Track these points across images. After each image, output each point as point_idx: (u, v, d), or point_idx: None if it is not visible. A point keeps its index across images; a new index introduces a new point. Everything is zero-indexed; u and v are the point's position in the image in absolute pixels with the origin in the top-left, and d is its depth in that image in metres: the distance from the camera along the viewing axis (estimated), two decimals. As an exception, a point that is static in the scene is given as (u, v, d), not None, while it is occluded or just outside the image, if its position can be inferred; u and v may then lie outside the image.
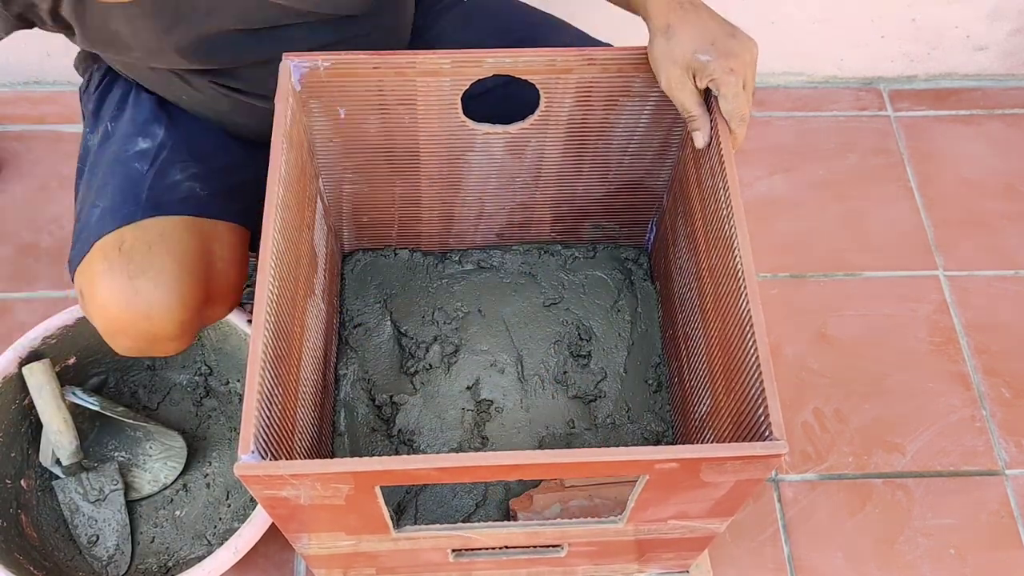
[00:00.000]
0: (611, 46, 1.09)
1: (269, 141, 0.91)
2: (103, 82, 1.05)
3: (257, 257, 1.23)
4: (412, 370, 1.16)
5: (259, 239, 1.06)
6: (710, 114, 0.90)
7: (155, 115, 1.02)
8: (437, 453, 1.11)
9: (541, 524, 0.89)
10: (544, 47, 0.96)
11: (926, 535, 1.20)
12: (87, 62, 1.09)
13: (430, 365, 1.16)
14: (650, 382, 1.16)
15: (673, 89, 0.89)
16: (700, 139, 0.91)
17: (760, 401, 0.77)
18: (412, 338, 1.18)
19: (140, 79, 1.02)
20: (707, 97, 0.91)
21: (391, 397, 1.13)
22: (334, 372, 1.15)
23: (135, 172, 0.98)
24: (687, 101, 0.89)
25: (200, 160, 1.01)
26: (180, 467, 1.15)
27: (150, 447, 1.16)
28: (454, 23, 1.11)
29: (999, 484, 1.25)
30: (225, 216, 1.01)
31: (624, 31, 1.09)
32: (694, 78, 0.88)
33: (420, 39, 1.11)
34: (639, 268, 1.24)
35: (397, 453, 1.11)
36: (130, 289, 0.91)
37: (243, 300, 1.29)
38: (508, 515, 1.08)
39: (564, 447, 1.13)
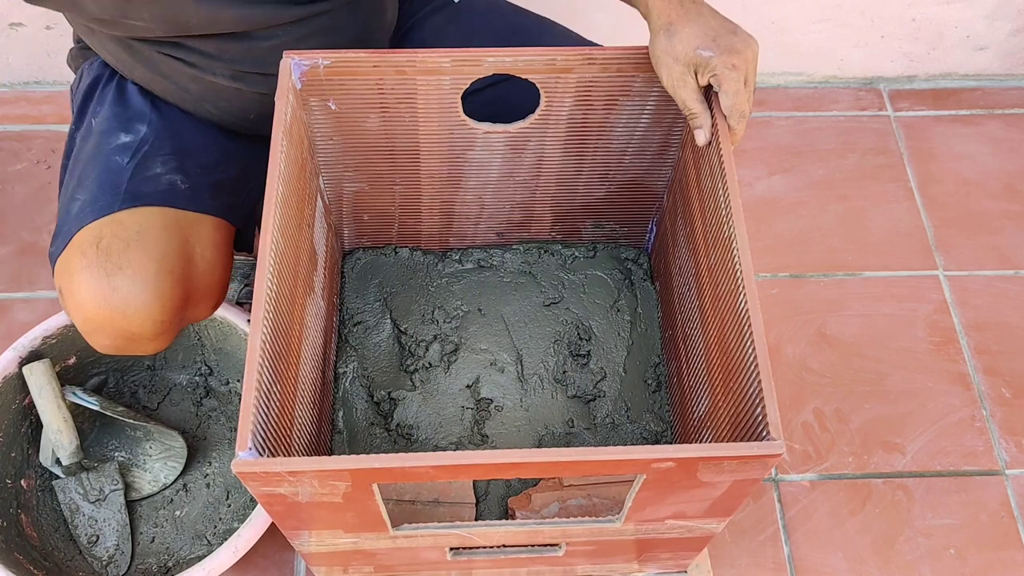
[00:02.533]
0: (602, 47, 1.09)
1: (255, 132, 0.91)
2: (92, 79, 1.05)
3: (245, 255, 1.22)
4: (412, 368, 1.16)
5: (248, 237, 1.06)
6: (711, 113, 0.90)
7: (139, 111, 1.01)
8: (435, 448, 1.11)
9: (539, 523, 0.89)
10: (536, 45, 0.97)
11: (926, 535, 1.20)
12: (79, 59, 1.09)
13: (430, 363, 1.16)
14: (649, 382, 1.16)
15: (675, 86, 0.89)
16: (701, 137, 0.91)
17: (758, 401, 0.77)
18: (412, 336, 1.18)
19: (119, 64, 1.01)
20: (708, 95, 0.91)
21: (389, 393, 1.13)
22: (333, 370, 1.15)
23: (115, 165, 0.97)
24: (689, 98, 0.89)
25: (183, 155, 1.00)
26: (180, 467, 1.15)
27: (150, 447, 1.16)
28: (442, 24, 1.11)
29: (999, 484, 1.25)
30: (207, 210, 0.99)
31: (623, 31, 1.10)
32: (696, 75, 0.88)
33: (408, 39, 1.11)
34: (639, 268, 1.24)
35: (395, 446, 1.11)
36: (107, 287, 0.90)
37: (242, 300, 1.29)
38: (507, 513, 1.08)
39: (563, 446, 1.12)
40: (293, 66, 0.91)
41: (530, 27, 1.12)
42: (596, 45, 1.09)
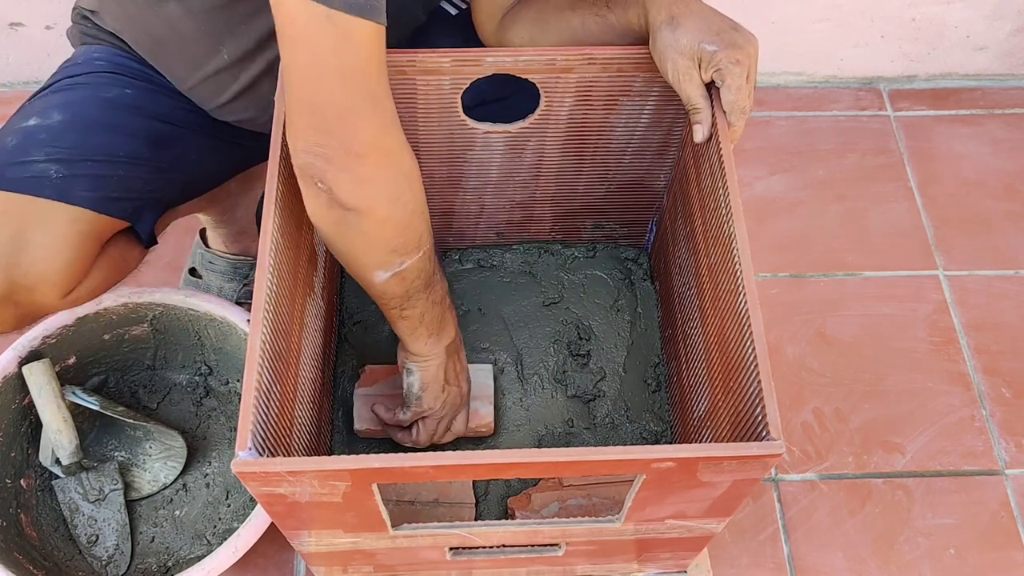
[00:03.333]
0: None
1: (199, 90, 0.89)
2: (73, 64, 1.05)
3: (246, 256, 1.20)
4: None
5: (151, 232, 1.01)
6: (712, 108, 0.90)
7: (68, 103, 0.99)
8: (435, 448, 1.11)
9: (539, 523, 0.89)
10: None
11: (926, 535, 1.20)
12: (75, 40, 1.08)
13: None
14: (649, 382, 1.16)
15: (680, 80, 0.89)
16: (700, 133, 0.91)
17: (758, 401, 0.77)
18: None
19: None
20: (709, 91, 0.91)
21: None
22: (333, 370, 1.15)
23: (3, 143, 0.96)
24: (693, 93, 0.89)
25: (78, 150, 0.97)
26: (180, 467, 1.15)
27: (150, 447, 1.16)
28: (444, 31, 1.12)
29: (999, 484, 1.25)
30: (71, 200, 0.95)
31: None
32: (699, 69, 0.88)
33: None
34: (639, 268, 1.24)
35: (395, 446, 1.11)
36: None
37: (242, 300, 1.30)
38: (507, 513, 1.08)
39: (563, 446, 1.12)
40: (293, 66, 0.91)
41: None
42: None
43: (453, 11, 1.14)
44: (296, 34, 0.76)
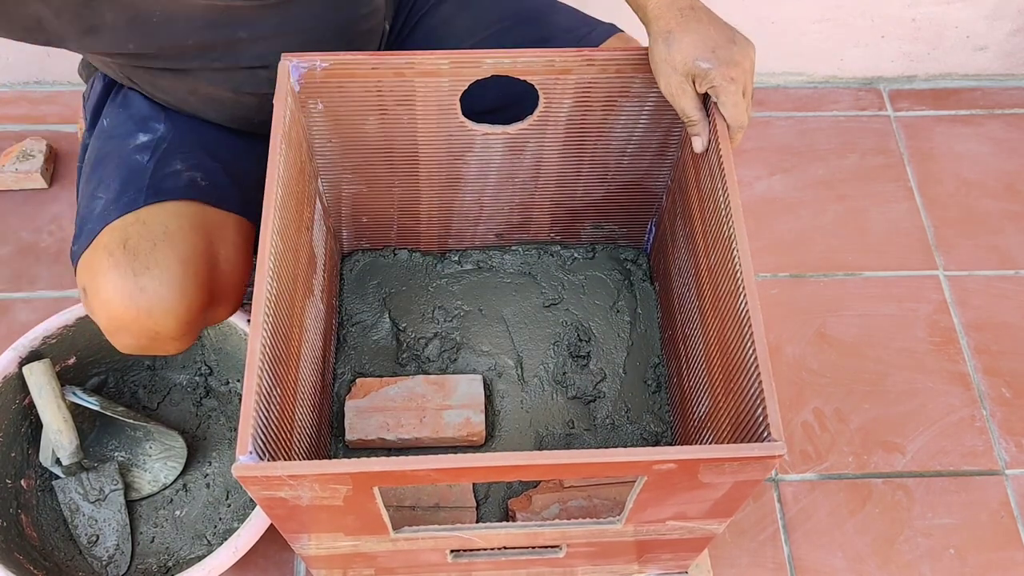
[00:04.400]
0: (613, 26, 1.09)
1: (262, 133, 0.91)
2: (104, 84, 1.05)
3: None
4: (411, 369, 1.16)
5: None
6: (709, 118, 0.90)
7: (153, 111, 1.02)
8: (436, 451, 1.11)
9: (540, 524, 0.89)
10: (546, 28, 0.95)
11: (926, 535, 1.20)
12: (90, 68, 1.09)
13: (428, 359, 1.16)
14: (649, 383, 1.16)
15: (674, 95, 0.89)
16: (699, 144, 0.91)
17: (759, 402, 0.77)
18: (411, 336, 1.18)
19: (122, 81, 1.02)
20: (706, 100, 0.91)
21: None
22: (332, 372, 1.15)
23: (136, 163, 0.97)
24: (687, 107, 0.90)
25: (201, 152, 1.01)
26: (180, 467, 1.15)
27: (150, 447, 1.16)
28: (451, 12, 1.11)
29: (999, 484, 1.25)
30: (229, 207, 1.00)
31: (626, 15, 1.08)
32: (694, 84, 0.88)
33: (418, 29, 1.11)
34: (638, 269, 1.24)
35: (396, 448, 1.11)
36: (134, 286, 0.90)
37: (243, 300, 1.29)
38: (507, 515, 1.08)
39: (563, 447, 1.13)
40: (291, 68, 0.91)
41: (541, 9, 1.12)
42: (607, 26, 1.09)
43: None
44: None
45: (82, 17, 0.87)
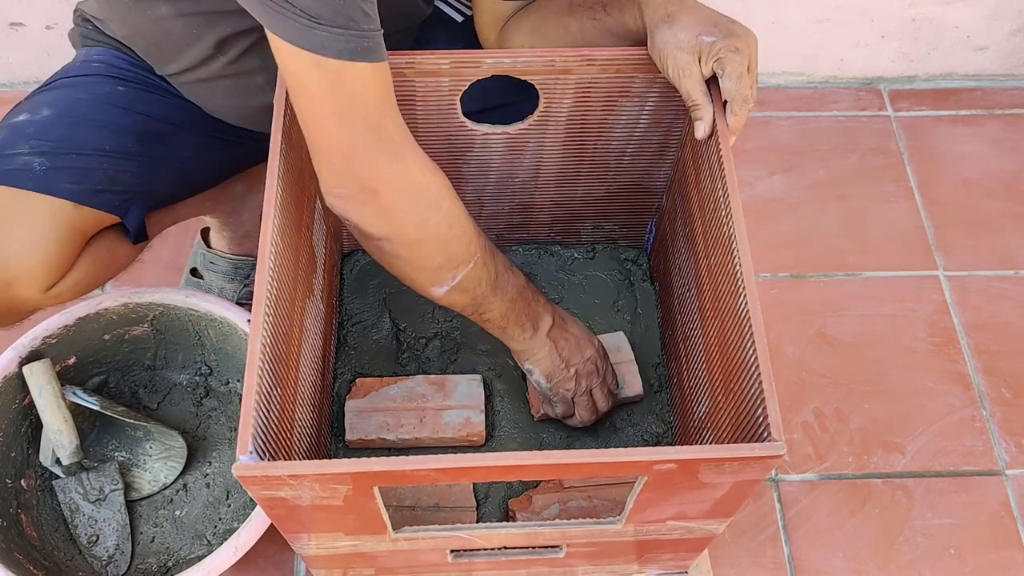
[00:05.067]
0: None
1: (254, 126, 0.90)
2: (71, 64, 1.05)
3: (247, 256, 1.20)
4: (411, 369, 1.16)
5: (143, 227, 1.01)
6: (713, 105, 0.90)
7: (59, 100, 1.00)
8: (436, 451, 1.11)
9: (540, 525, 0.89)
10: None
11: (926, 535, 1.20)
12: (83, 37, 1.08)
13: (428, 359, 1.16)
14: (650, 383, 1.16)
15: (680, 75, 0.89)
16: (701, 129, 0.91)
17: (759, 402, 0.77)
18: (411, 335, 1.18)
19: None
20: (710, 88, 0.91)
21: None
22: (332, 372, 1.15)
23: None
24: (693, 88, 0.89)
25: (65, 143, 0.97)
26: (180, 467, 1.15)
27: (150, 447, 1.16)
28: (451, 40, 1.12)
29: (999, 484, 1.25)
30: (54, 192, 0.94)
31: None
32: (700, 63, 0.88)
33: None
34: (638, 269, 1.24)
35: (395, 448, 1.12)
36: None
37: (242, 300, 1.30)
38: (507, 515, 1.08)
39: (563, 448, 1.13)
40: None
41: None
42: None
43: (459, 18, 1.14)
44: (293, 82, 0.78)
45: None
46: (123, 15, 1.00)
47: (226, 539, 1.00)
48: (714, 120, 0.90)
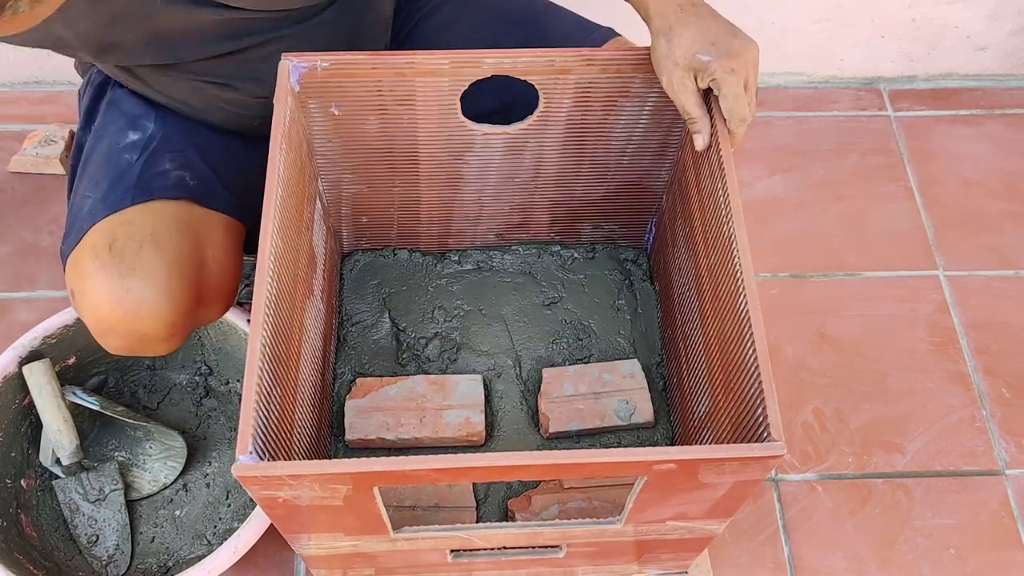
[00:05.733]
0: (611, 30, 1.09)
1: (261, 135, 0.91)
2: (100, 82, 1.05)
3: (255, 257, 1.21)
4: (411, 368, 1.16)
5: (256, 238, 1.05)
6: (711, 116, 0.90)
7: (144, 110, 1.01)
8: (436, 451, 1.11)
9: (540, 524, 0.89)
10: (544, 33, 0.95)
11: (926, 535, 1.20)
12: (86, 64, 1.09)
13: (428, 359, 1.16)
14: (655, 382, 1.16)
15: (675, 90, 0.89)
16: (700, 141, 0.91)
17: (759, 402, 0.77)
18: (411, 335, 1.18)
19: (123, 81, 1.02)
20: (708, 99, 0.91)
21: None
22: (332, 372, 1.15)
23: (125, 162, 0.97)
24: (688, 103, 0.89)
25: (192, 151, 1.00)
26: (180, 467, 1.15)
27: (150, 447, 1.16)
28: (447, 19, 1.11)
29: (999, 484, 1.25)
30: (217, 207, 0.99)
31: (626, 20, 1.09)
32: (695, 79, 0.88)
33: (416, 33, 1.11)
34: (638, 268, 1.24)
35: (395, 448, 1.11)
36: (120, 288, 0.90)
37: (242, 300, 1.29)
38: (507, 515, 1.08)
39: (563, 448, 1.13)
40: (292, 68, 0.91)
41: (539, 13, 1.12)
42: (605, 30, 1.09)
43: None
44: None
45: (103, 38, 0.87)
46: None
47: (226, 539, 1.00)
48: (712, 130, 0.90)
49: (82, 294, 0.92)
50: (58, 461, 1.10)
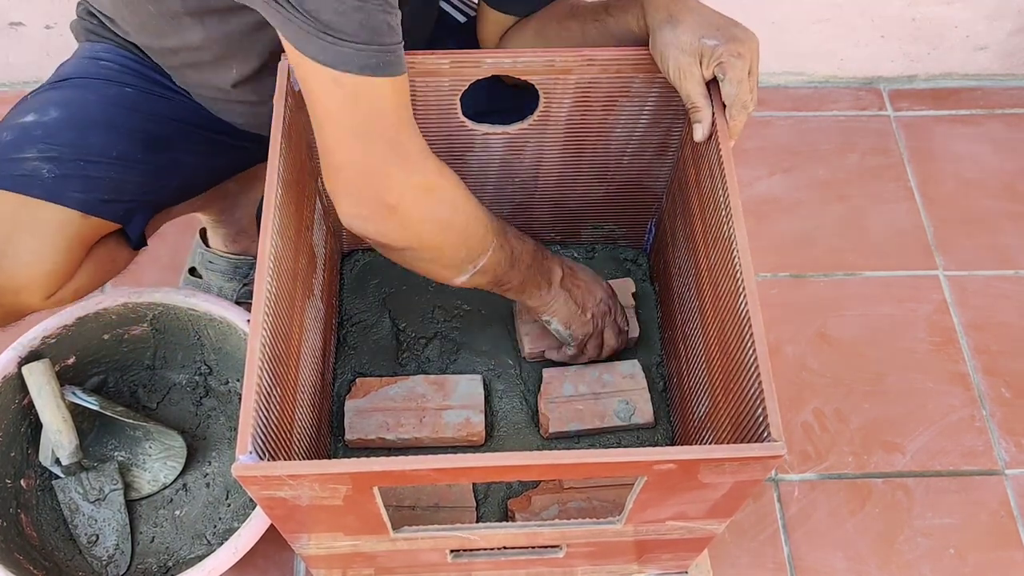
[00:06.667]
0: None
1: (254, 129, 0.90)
2: (74, 59, 1.04)
3: (245, 255, 1.20)
4: (411, 368, 1.16)
5: (141, 235, 1.01)
6: (713, 107, 0.90)
7: (68, 101, 0.99)
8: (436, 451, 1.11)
9: (539, 524, 0.89)
10: None
11: (926, 535, 1.20)
12: (87, 31, 1.07)
13: (428, 359, 1.16)
14: (655, 382, 1.16)
15: (681, 77, 0.89)
16: (700, 131, 0.91)
17: (759, 402, 0.77)
18: (411, 335, 1.18)
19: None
20: (710, 92, 0.91)
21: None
22: (332, 372, 1.15)
23: (1, 138, 0.95)
24: (693, 90, 0.89)
25: (74, 149, 0.96)
26: (180, 467, 1.15)
27: (150, 447, 1.16)
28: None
29: (999, 484, 1.25)
30: (62, 201, 0.93)
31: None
32: (701, 65, 0.88)
33: None
34: (638, 269, 1.24)
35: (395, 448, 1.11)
36: None
37: (241, 300, 1.30)
38: (507, 515, 1.08)
39: (563, 448, 1.13)
40: (291, 68, 0.91)
41: None
42: None
43: (461, 19, 1.14)
44: (310, 98, 0.79)
45: None
46: (142, 21, 0.98)
47: (226, 539, 1.00)
48: (713, 122, 0.90)
49: None
50: (58, 461, 1.10)
